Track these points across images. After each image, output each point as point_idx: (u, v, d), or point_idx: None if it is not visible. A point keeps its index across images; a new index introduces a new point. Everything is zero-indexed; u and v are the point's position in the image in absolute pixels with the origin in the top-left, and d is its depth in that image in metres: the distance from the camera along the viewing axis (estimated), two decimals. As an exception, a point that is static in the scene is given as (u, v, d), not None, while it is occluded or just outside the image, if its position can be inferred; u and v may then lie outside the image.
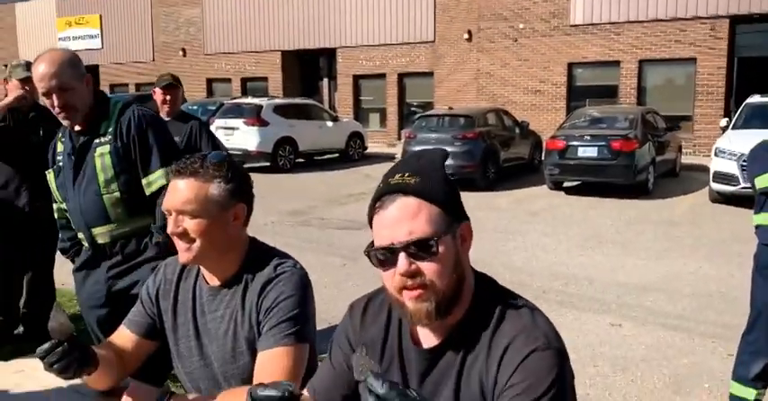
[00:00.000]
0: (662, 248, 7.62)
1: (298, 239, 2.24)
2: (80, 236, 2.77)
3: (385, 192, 1.35)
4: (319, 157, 16.62)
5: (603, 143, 10.97)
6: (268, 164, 14.46)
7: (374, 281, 1.58)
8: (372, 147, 18.18)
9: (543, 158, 12.35)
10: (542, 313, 1.40)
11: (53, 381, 1.92)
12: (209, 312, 1.82)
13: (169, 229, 1.72)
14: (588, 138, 11.20)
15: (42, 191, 4.01)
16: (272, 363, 1.66)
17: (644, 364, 4.35)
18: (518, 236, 8.19)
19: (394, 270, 1.31)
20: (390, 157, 16.55)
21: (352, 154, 16.95)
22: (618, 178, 10.93)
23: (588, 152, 11.07)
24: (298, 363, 1.68)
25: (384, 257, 1.33)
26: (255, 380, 1.66)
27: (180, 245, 1.73)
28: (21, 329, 4.63)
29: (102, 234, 2.70)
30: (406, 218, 1.30)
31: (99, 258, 2.74)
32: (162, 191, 2.56)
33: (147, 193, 2.68)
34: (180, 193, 1.71)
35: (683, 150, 14.28)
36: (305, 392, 1.26)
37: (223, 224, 1.74)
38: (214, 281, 1.82)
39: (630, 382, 4.06)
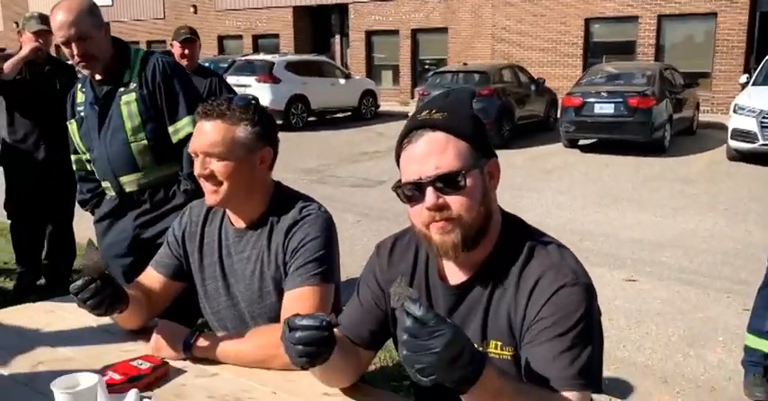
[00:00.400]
0: (678, 205, 7.58)
1: (313, 197, 2.25)
2: (106, 185, 2.77)
3: (413, 128, 1.35)
4: (331, 115, 16.52)
5: (620, 100, 10.82)
6: (280, 121, 14.38)
7: (381, 240, 1.58)
8: (385, 106, 18.04)
9: (559, 116, 12.22)
10: (570, 251, 1.41)
11: (82, 321, 1.96)
12: (236, 253, 1.83)
13: (196, 171, 1.72)
14: (605, 94, 11.05)
15: (60, 145, 4.04)
16: (299, 302, 1.67)
17: (659, 318, 4.37)
18: (533, 193, 8.17)
19: (421, 205, 1.32)
20: (403, 116, 16.43)
21: (364, 112, 16.84)
22: (634, 135, 10.81)
23: (605, 109, 10.93)
24: (323, 302, 1.70)
25: (411, 192, 1.33)
26: (282, 319, 1.68)
27: (207, 187, 1.74)
28: (43, 280, 4.71)
29: (130, 182, 2.69)
30: (434, 152, 1.31)
31: (126, 207, 2.74)
32: (189, 138, 2.56)
33: (174, 141, 2.67)
34: (207, 135, 1.71)
35: (701, 108, 14.08)
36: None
37: (249, 167, 1.74)
38: (240, 223, 1.83)
39: (645, 335, 4.09)
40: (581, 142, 11.78)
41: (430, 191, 1.30)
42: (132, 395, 1.43)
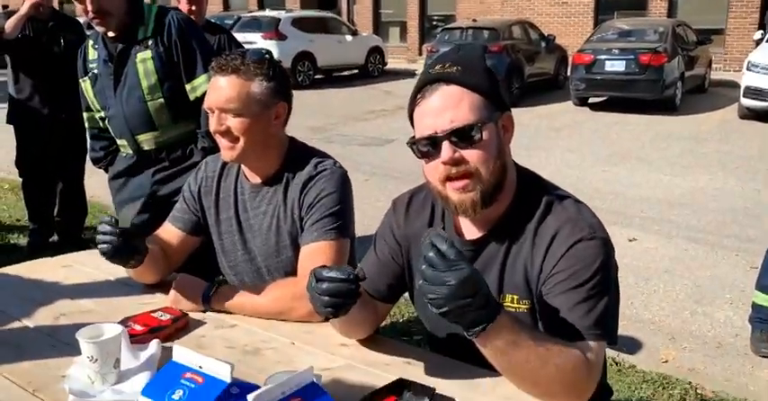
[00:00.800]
0: (687, 164, 7.54)
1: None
2: (122, 143, 2.75)
3: (426, 83, 1.34)
4: (338, 73, 16.36)
5: (632, 57, 10.65)
6: (287, 79, 14.29)
7: (395, 196, 1.58)
8: (392, 63, 17.82)
9: (569, 73, 12.05)
10: (586, 205, 1.41)
11: (101, 275, 1.99)
12: (252, 208, 1.84)
13: (212, 127, 1.72)
14: (616, 51, 10.86)
15: (67, 102, 4.02)
16: (315, 256, 1.69)
17: (666, 275, 4.40)
18: (541, 152, 8.13)
19: (437, 160, 1.31)
20: (411, 73, 16.26)
21: (371, 70, 16.65)
22: (645, 93, 10.67)
23: (616, 66, 10.77)
24: (339, 257, 1.72)
25: (427, 148, 1.33)
26: (299, 273, 1.71)
27: (223, 143, 1.74)
28: (56, 237, 4.76)
29: (147, 140, 2.68)
30: (449, 106, 1.30)
31: (143, 165, 2.73)
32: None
33: (192, 98, 2.64)
34: (222, 91, 1.69)
35: (714, 65, 13.86)
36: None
37: (265, 122, 1.73)
38: (255, 179, 1.84)
39: (653, 292, 4.12)
40: (591, 100, 11.66)
41: (446, 145, 1.30)
42: (154, 345, 1.46)
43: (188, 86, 2.64)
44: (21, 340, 1.57)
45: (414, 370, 1.42)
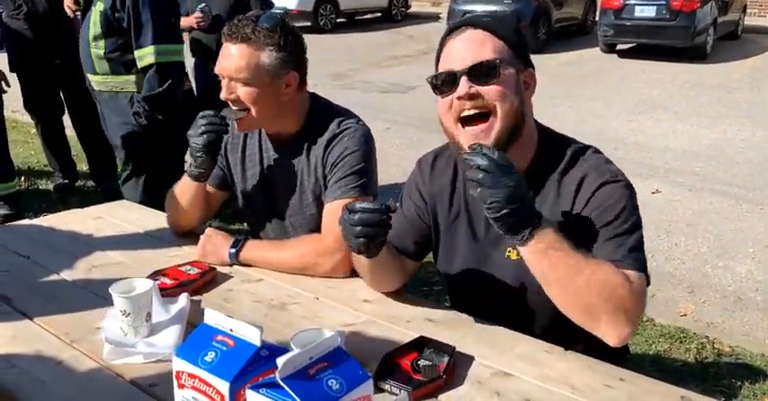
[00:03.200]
0: (716, 114, 7.39)
1: (341, 103, 2.23)
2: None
3: (455, 27, 1.38)
4: (360, 17, 16.07)
5: (663, 2, 10.32)
6: (308, 23, 14.04)
7: (417, 145, 1.60)
8: (416, 7, 17.45)
9: (597, 19, 11.73)
10: (606, 156, 1.44)
11: (129, 227, 2.04)
12: (276, 166, 1.86)
13: (222, 95, 1.71)
14: (647, -4, 10.54)
15: (63, 45, 4.05)
16: (338, 214, 1.70)
17: (689, 229, 4.38)
18: (567, 100, 8.00)
19: (453, 94, 1.33)
20: (435, 17, 15.93)
21: (394, 13, 16.31)
22: (675, 40, 10.38)
23: (646, 11, 10.45)
24: None
25: (443, 82, 1.34)
26: (323, 230, 1.73)
27: (234, 110, 1.74)
28: (84, 182, 4.84)
29: (94, 82, 3.00)
30: (472, 46, 1.33)
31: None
32: (150, 68, 2.83)
33: (139, 66, 2.85)
34: (232, 60, 1.68)
35: (748, 10, 13.39)
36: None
37: (275, 91, 1.72)
38: (279, 138, 1.85)
39: (674, 246, 4.11)
40: (619, 47, 11.37)
41: (463, 80, 1.32)
42: (183, 299, 1.51)
43: (136, 53, 2.83)
44: (56, 291, 1.63)
45: (434, 327, 1.46)
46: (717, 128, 6.85)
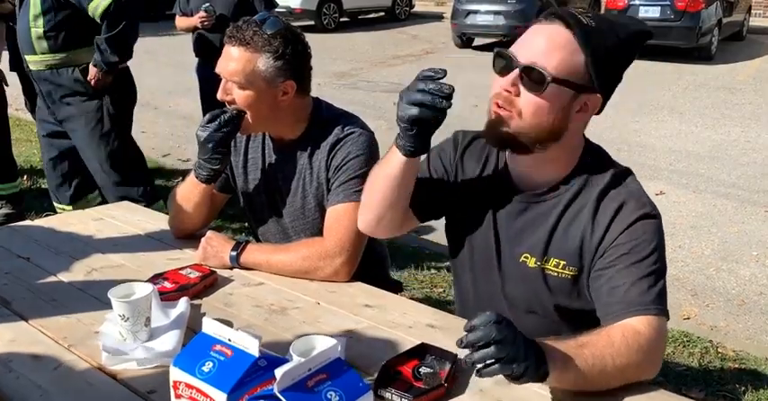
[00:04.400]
0: (720, 115, 7.37)
1: (344, 102, 2.23)
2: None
3: (554, 13, 1.29)
4: (364, 16, 16.05)
5: (668, 2, 10.30)
6: (312, 22, 14.05)
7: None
8: (419, 6, 17.44)
9: (601, 19, 11.68)
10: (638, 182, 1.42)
11: (130, 229, 2.03)
12: (279, 170, 1.84)
13: (219, 95, 1.70)
14: (651, -4, 10.51)
15: None
16: (341, 218, 1.70)
17: (692, 231, 4.36)
18: (570, 100, 7.98)
19: (503, 79, 1.30)
20: (439, 17, 15.92)
21: (398, 13, 16.31)
22: (680, 41, 10.34)
23: (650, 12, 10.42)
24: None
25: (503, 63, 1.30)
26: (325, 233, 1.72)
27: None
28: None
29: (34, 62, 3.12)
30: (547, 45, 1.26)
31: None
32: (108, 11, 2.96)
33: (98, 16, 2.98)
34: (229, 62, 1.67)
35: (753, 11, 13.35)
36: None
37: (271, 98, 1.70)
38: (281, 142, 1.84)
39: (678, 248, 4.10)
40: (623, 47, 11.33)
41: (515, 73, 1.27)
42: (183, 303, 1.50)
43: (90, 7, 2.96)
44: (55, 294, 1.61)
45: (436, 334, 1.44)
46: (721, 129, 6.83)
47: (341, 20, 14.91)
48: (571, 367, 1.14)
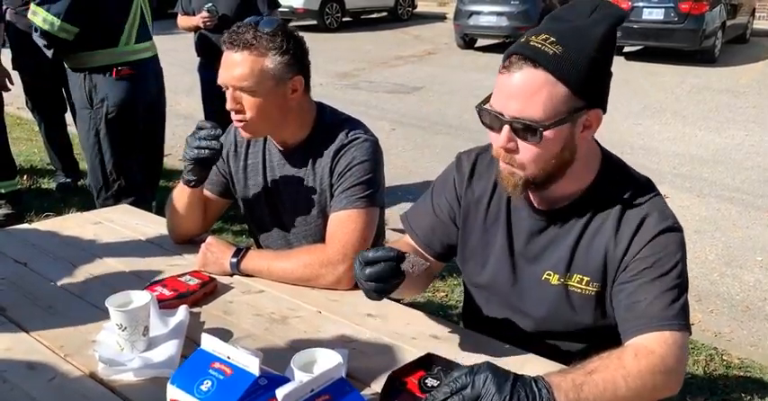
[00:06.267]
0: (723, 119, 7.33)
1: (346, 103, 2.21)
2: None
3: (518, 52, 1.20)
4: (367, 16, 16.02)
5: (671, 4, 10.25)
6: (314, 22, 14.03)
7: (422, 146, 1.54)
8: (422, 7, 17.40)
9: (604, 20, 11.64)
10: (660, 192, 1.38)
11: (129, 233, 2.00)
12: (280, 175, 1.82)
13: (229, 105, 1.66)
14: (655, -2, 10.48)
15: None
16: (344, 224, 1.67)
17: (696, 236, 4.32)
18: (573, 102, 7.95)
19: (497, 135, 1.25)
20: (441, 17, 15.89)
21: (401, 13, 16.27)
22: (683, 43, 10.31)
23: (654, 14, 10.38)
24: (368, 226, 1.69)
25: (490, 120, 1.26)
26: (327, 240, 1.69)
27: (237, 119, 1.69)
28: (84, 181, 4.81)
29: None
30: (524, 93, 1.18)
31: None
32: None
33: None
34: (235, 68, 1.62)
35: (757, 14, 13.32)
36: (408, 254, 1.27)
37: (280, 98, 1.67)
38: (284, 146, 1.81)
39: (682, 252, 4.06)
40: (626, 49, 11.30)
41: (506, 129, 1.22)
42: (182, 311, 1.47)
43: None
44: (52, 301, 1.59)
45: (440, 344, 1.41)
46: (725, 132, 6.79)
47: (343, 20, 14.88)
48: (582, 397, 1.10)
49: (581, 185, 1.34)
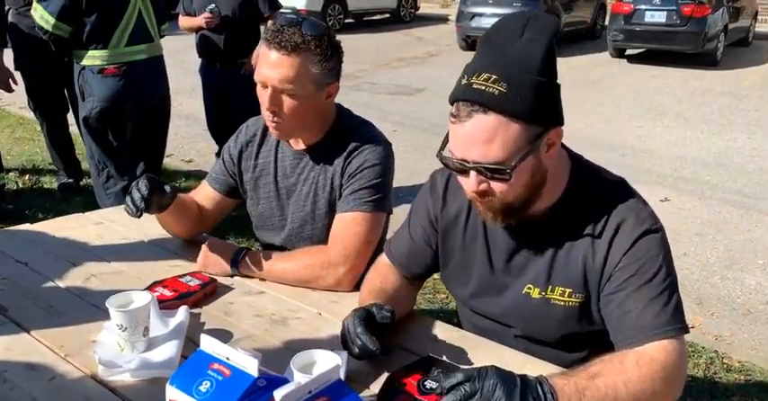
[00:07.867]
0: (726, 122, 7.33)
1: (348, 104, 2.19)
2: None
3: (464, 99, 1.18)
4: (369, 18, 16.03)
5: (673, 7, 10.26)
6: (317, 23, 14.03)
7: (424, 148, 1.54)
8: (424, 8, 17.41)
9: (607, 23, 11.67)
10: (637, 192, 1.36)
11: (130, 233, 2.00)
12: (292, 175, 1.81)
13: (268, 107, 1.64)
14: (657, 1, 10.45)
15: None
16: (348, 226, 1.67)
17: (698, 238, 4.33)
18: (575, 105, 7.93)
19: (467, 179, 1.25)
20: (444, 19, 15.88)
21: (403, 14, 16.27)
22: (686, 46, 10.31)
23: (656, 17, 10.39)
24: (373, 230, 1.69)
25: (455, 167, 1.25)
26: (330, 241, 1.69)
27: (270, 119, 1.67)
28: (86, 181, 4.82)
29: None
30: (481, 140, 1.17)
31: None
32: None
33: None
34: (280, 70, 1.59)
35: (759, 17, 13.31)
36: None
37: (317, 102, 1.67)
38: (299, 146, 1.80)
39: (683, 256, 4.06)
40: (628, 52, 11.31)
41: (473, 175, 1.22)
42: (183, 312, 1.47)
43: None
44: (53, 301, 1.59)
45: (439, 347, 1.41)
46: (727, 135, 6.79)
47: (346, 21, 14.88)
48: (575, 381, 1.12)
49: (552, 198, 1.33)
